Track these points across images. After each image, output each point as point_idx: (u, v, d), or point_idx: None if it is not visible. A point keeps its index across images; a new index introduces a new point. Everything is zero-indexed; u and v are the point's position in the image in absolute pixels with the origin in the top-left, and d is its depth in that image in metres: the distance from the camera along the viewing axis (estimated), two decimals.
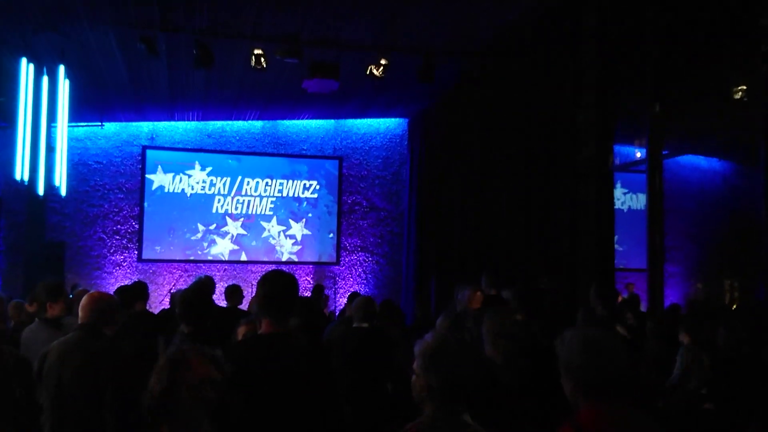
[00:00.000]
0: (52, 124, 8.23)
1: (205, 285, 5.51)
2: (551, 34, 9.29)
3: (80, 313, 3.29)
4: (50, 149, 8.44)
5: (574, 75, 9.22)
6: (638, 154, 13.59)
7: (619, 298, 11.38)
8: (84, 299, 3.31)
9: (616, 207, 11.49)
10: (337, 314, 11.59)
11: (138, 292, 5.53)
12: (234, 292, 6.12)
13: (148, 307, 5.94)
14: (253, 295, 10.98)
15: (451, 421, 2.05)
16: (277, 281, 2.63)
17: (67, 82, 8.20)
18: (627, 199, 15.66)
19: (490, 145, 11.36)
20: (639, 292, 12.96)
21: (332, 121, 13.81)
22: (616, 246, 10.79)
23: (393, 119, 14.07)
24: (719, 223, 15.78)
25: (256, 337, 2.61)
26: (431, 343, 2.11)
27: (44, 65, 7.70)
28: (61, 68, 7.96)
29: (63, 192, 9.09)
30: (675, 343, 5.48)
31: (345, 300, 13.36)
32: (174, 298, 6.58)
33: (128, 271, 12.66)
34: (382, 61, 8.96)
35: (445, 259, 11.78)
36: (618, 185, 14.45)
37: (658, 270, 9.05)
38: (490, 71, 10.20)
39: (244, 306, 6.83)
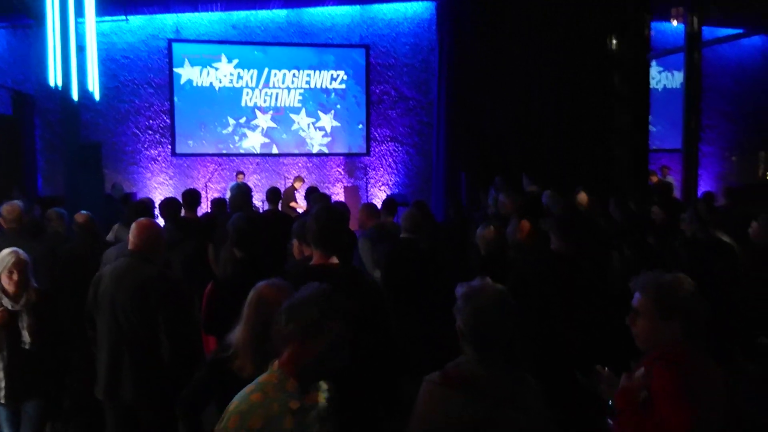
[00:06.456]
0: (78, 20, 8.11)
1: (244, 195, 5.65)
2: None
3: (130, 239, 3.48)
4: (80, 49, 8.40)
5: None
6: (674, 22, 13.00)
7: (654, 179, 11.39)
8: (134, 227, 3.50)
9: (651, 87, 11.21)
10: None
11: (186, 200, 5.69)
12: (275, 194, 6.40)
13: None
14: (287, 187, 11.25)
15: (490, 367, 2.03)
16: (330, 218, 2.80)
17: None
18: (662, 78, 15.19)
19: (521, 31, 11.03)
20: (674, 174, 12.93)
21: (357, 7, 13.40)
22: (650, 127, 10.66)
23: (420, 2, 13.60)
24: (757, 100, 15.37)
25: (310, 267, 2.78)
26: (470, 293, 2.08)
27: None
28: None
29: (97, 96, 9.14)
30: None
31: (376, 190, 13.63)
32: (215, 204, 6.79)
33: (163, 165, 12.90)
34: None
35: (476, 149, 11.73)
36: (653, 63, 13.99)
37: (692, 156, 9.02)
38: None
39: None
